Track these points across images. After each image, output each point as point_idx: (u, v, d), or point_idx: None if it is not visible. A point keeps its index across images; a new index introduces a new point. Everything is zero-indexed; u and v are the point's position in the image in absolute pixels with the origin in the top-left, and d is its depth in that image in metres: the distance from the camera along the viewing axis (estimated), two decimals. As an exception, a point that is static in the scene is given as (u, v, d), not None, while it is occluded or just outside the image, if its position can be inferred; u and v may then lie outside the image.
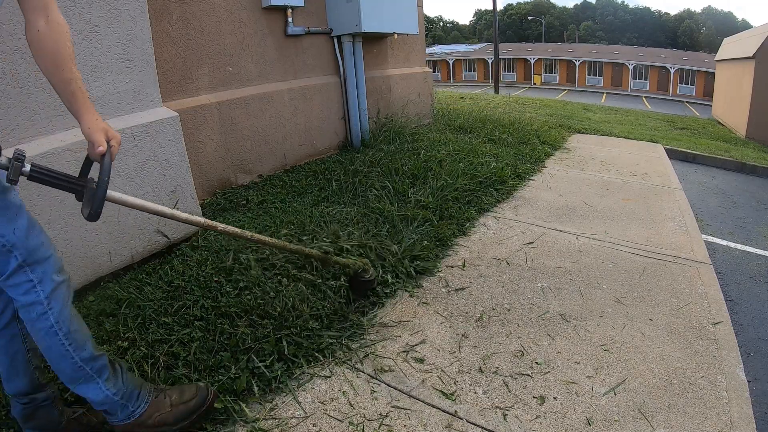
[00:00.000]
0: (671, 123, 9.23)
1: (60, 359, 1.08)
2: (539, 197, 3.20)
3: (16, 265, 1.02)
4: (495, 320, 1.79)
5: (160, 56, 2.42)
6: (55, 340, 1.06)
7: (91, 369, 1.11)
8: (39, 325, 1.04)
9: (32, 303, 1.04)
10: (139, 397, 1.19)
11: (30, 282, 1.03)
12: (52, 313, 1.05)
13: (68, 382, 1.12)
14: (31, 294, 1.04)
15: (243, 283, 1.82)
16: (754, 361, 2.02)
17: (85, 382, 1.11)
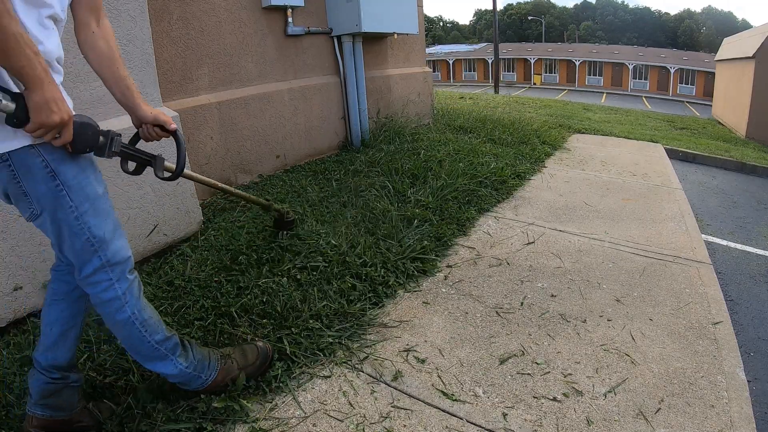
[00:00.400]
0: (671, 123, 9.24)
1: (138, 344, 1.16)
2: (539, 197, 3.20)
3: (99, 265, 1.08)
4: (495, 320, 1.79)
5: (160, 56, 2.42)
6: (133, 329, 1.14)
7: (165, 348, 1.20)
8: (118, 318, 1.12)
9: (111, 299, 1.11)
10: (209, 366, 1.29)
11: (109, 281, 1.10)
12: (129, 306, 1.13)
13: (144, 361, 1.20)
14: (110, 291, 1.10)
15: (243, 283, 1.82)
16: (754, 361, 2.02)
17: (160, 360, 1.20)
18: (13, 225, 1.62)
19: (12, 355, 1.48)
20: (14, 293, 1.65)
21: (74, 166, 1.02)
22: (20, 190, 0.98)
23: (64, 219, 1.02)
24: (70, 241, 1.04)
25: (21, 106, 0.86)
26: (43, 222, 1.03)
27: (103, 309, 1.12)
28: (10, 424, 1.22)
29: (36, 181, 0.97)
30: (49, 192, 0.98)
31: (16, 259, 1.64)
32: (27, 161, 0.95)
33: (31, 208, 1.00)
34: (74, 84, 1.79)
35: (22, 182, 0.96)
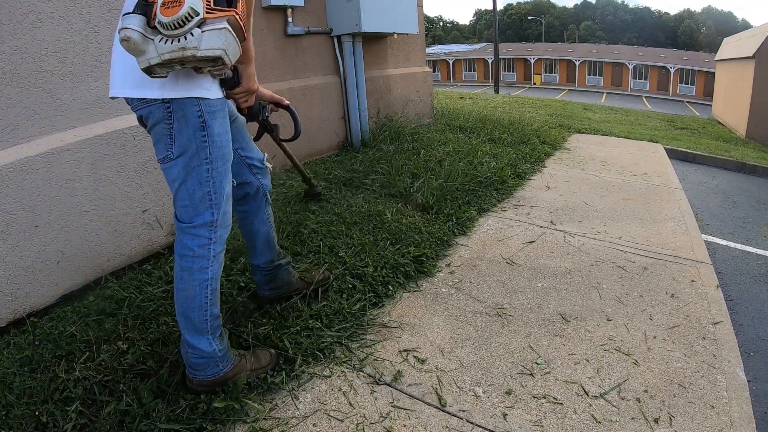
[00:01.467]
0: (671, 123, 9.24)
1: (195, 309, 1.21)
2: (539, 197, 3.19)
3: (208, 221, 1.16)
4: (495, 320, 1.79)
5: (160, 56, 2.42)
6: (202, 292, 1.19)
7: (212, 326, 1.25)
8: (197, 276, 1.18)
9: (202, 256, 1.18)
10: (227, 359, 1.32)
11: (209, 239, 1.18)
12: (211, 270, 1.20)
13: (187, 329, 1.23)
14: (205, 249, 1.17)
15: (243, 282, 1.82)
16: (754, 361, 2.02)
17: (202, 334, 1.24)
18: (13, 225, 1.62)
19: (12, 355, 1.48)
20: (14, 293, 1.65)
21: (222, 126, 1.13)
22: (167, 132, 1.08)
23: (196, 167, 1.11)
24: (192, 190, 1.13)
25: (236, 75, 1.18)
26: (173, 166, 1.12)
27: (190, 263, 1.18)
28: (10, 423, 1.22)
29: (187, 126, 1.07)
30: (195, 139, 1.09)
31: (16, 259, 1.64)
32: (186, 108, 1.05)
33: (169, 151, 1.10)
34: (74, 84, 1.80)
35: (174, 125, 1.07)
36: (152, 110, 1.07)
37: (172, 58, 0.92)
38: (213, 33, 0.92)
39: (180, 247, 1.19)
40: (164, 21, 0.89)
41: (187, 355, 1.28)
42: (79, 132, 1.81)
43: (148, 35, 0.91)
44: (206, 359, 1.26)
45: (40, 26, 1.67)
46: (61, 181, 1.74)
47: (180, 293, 1.21)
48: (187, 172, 1.11)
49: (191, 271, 1.18)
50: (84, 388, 1.32)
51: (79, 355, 1.44)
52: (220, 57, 0.94)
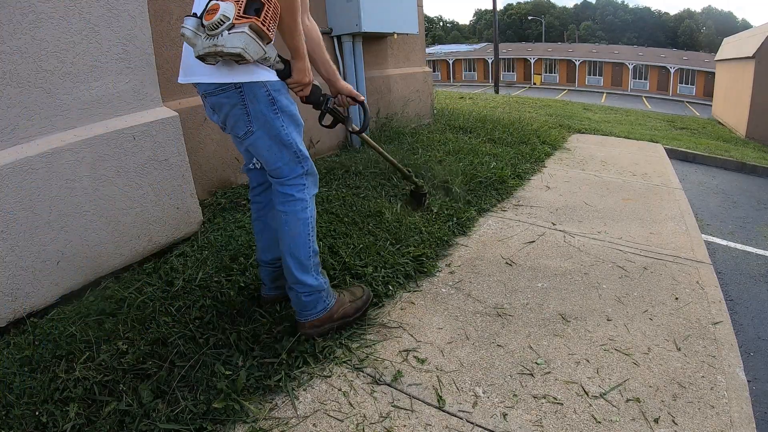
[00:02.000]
0: (671, 123, 9.24)
1: (301, 246, 1.44)
2: (539, 197, 3.19)
3: (302, 172, 1.44)
4: (495, 320, 1.79)
5: (160, 56, 2.42)
6: (306, 229, 1.44)
7: (314, 262, 1.48)
8: (300, 215, 1.42)
9: (301, 199, 1.43)
10: (330, 294, 1.54)
11: (304, 185, 1.44)
12: (309, 210, 1.45)
13: (294, 268, 1.45)
14: (302, 193, 1.44)
15: (243, 282, 1.82)
16: (754, 361, 2.02)
17: (307, 271, 1.46)
18: (13, 225, 1.62)
19: (12, 355, 1.48)
20: (14, 293, 1.65)
21: (286, 98, 1.37)
22: (243, 111, 1.32)
23: (277, 134, 1.36)
24: (281, 153, 1.39)
25: (287, 67, 1.35)
26: (257, 138, 1.36)
27: (293, 206, 1.42)
28: (10, 423, 1.22)
29: (259, 104, 1.31)
30: (268, 113, 1.33)
31: (16, 259, 1.64)
32: (255, 90, 1.29)
33: (249, 127, 1.35)
34: (74, 84, 1.80)
35: (248, 105, 1.31)
36: (229, 95, 1.30)
37: (208, 52, 1.16)
38: (235, 35, 1.14)
39: (280, 197, 1.43)
40: (205, 24, 1.15)
41: (298, 297, 1.48)
42: (79, 132, 1.81)
43: (198, 32, 1.17)
44: (314, 295, 1.48)
45: (40, 26, 1.66)
46: (61, 181, 1.74)
47: (286, 236, 1.44)
48: (270, 139, 1.37)
49: (294, 213, 1.42)
50: (84, 388, 1.32)
51: (79, 355, 1.44)
52: (240, 54, 1.16)
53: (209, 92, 1.32)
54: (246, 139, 1.37)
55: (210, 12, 1.14)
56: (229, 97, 1.30)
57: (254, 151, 1.42)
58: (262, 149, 1.38)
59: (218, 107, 1.35)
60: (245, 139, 1.37)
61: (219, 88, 1.29)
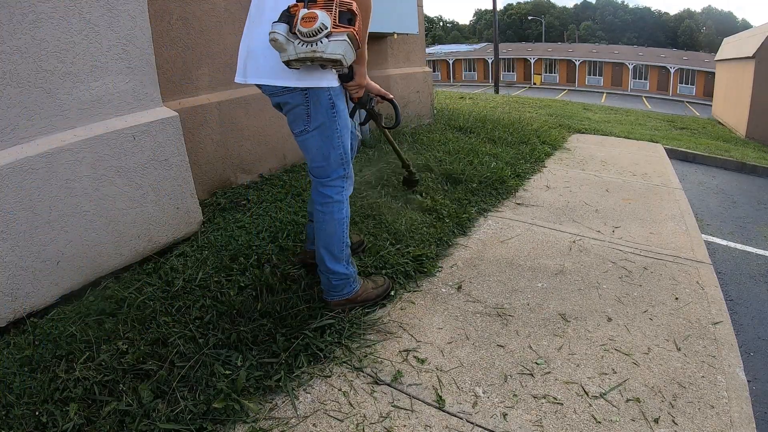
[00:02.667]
0: (671, 123, 9.24)
1: (336, 242, 1.59)
2: (539, 197, 3.19)
3: (342, 175, 1.56)
4: (495, 320, 1.79)
5: (160, 56, 2.42)
6: (341, 227, 1.59)
7: (346, 254, 1.63)
8: (336, 216, 1.57)
9: (338, 201, 1.57)
10: (357, 281, 1.72)
11: (342, 187, 1.57)
12: (345, 210, 1.59)
13: (328, 259, 1.60)
14: (340, 195, 1.57)
15: (243, 282, 1.82)
16: (754, 361, 2.02)
17: (339, 261, 1.62)
18: (13, 225, 1.62)
19: (12, 355, 1.48)
20: (14, 293, 1.65)
21: (343, 104, 1.50)
22: (305, 112, 1.44)
23: (330, 136, 1.48)
24: (328, 152, 1.51)
25: (350, 71, 1.48)
26: (311, 137, 1.49)
27: (330, 207, 1.56)
28: (10, 423, 1.22)
29: (320, 107, 1.43)
30: (327, 115, 1.45)
31: (16, 259, 1.64)
32: (319, 95, 1.41)
33: (306, 126, 1.47)
34: (74, 84, 1.80)
35: (310, 107, 1.43)
36: (293, 96, 1.42)
37: (306, 57, 1.25)
38: (336, 42, 1.24)
39: (319, 197, 1.57)
40: (303, 30, 1.22)
41: (328, 281, 1.65)
42: (79, 132, 1.81)
43: (290, 38, 1.24)
44: (343, 281, 1.65)
45: (40, 26, 1.66)
46: (61, 181, 1.74)
47: (322, 232, 1.58)
48: (323, 140, 1.48)
49: (332, 213, 1.56)
50: (84, 388, 1.32)
51: (79, 355, 1.44)
52: (339, 60, 1.27)
53: (274, 93, 1.45)
54: (300, 136, 1.51)
55: (307, 20, 1.21)
56: (294, 98, 1.43)
57: (304, 148, 1.54)
58: (312, 147, 1.51)
59: (282, 105, 1.50)
60: (299, 136, 1.51)
61: (285, 90, 1.41)
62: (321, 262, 1.62)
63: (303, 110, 1.44)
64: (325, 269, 1.63)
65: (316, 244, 1.62)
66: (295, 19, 1.23)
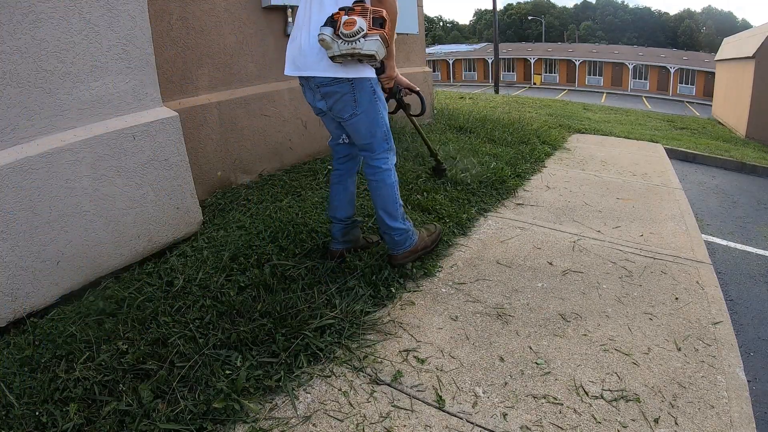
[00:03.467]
0: (671, 123, 9.24)
1: (391, 203, 1.87)
2: (539, 197, 3.19)
3: (387, 148, 1.85)
4: (495, 320, 1.79)
5: (160, 56, 2.42)
6: (392, 191, 1.86)
7: (400, 212, 1.91)
8: (387, 182, 1.85)
9: (387, 169, 1.85)
10: (414, 232, 1.99)
11: (387, 158, 1.86)
12: (393, 175, 1.87)
13: (387, 219, 1.88)
14: (387, 164, 1.85)
15: (243, 282, 1.82)
16: (754, 361, 2.02)
17: (396, 219, 1.89)
18: (13, 225, 1.62)
19: (12, 355, 1.48)
20: (14, 293, 1.65)
21: (380, 89, 1.79)
22: (352, 99, 1.70)
23: (374, 117, 1.76)
24: (374, 131, 1.79)
25: (382, 65, 1.75)
26: (359, 120, 1.75)
27: (380, 176, 1.84)
28: (10, 423, 1.22)
29: (364, 93, 1.71)
30: (370, 100, 1.73)
31: (16, 259, 1.64)
32: (362, 83, 1.69)
33: (353, 111, 1.73)
34: (74, 84, 1.80)
35: (356, 94, 1.70)
36: (341, 86, 1.68)
37: (347, 53, 1.53)
38: (371, 41, 1.53)
39: (370, 170, 1.85)
40: (345, 32, 1.51)
41: (391, 238, 1.93)
42: (79, 132, 1.81)
43: (335, 39, 1.51)
44: (404, 235, 1.93)
45: (40, 26, 1.66)
46: (61, 181, 1.74)
47: (378, 198, 1.87)
48: (369, 121, 1.76)
49: (383, 181, 1.84)
50: (84, 388, 1.32)
51: (79, 355, 1.44)
52: (373, 55, 1.56)
53: (324, 84, 1.69)
54: (350, 120, 1.75)
55: (348, 24, 1.51)
56: (342, 87, 1.68)
57: (354, 130, 1.80)
58: (361, 128, 1.78)
59: (330, 95, 1.71)
60: (349, 120, 1.75)
61: (334, 81, 1.67)
62: (382, 223, 1.90)
63: (350, 97, 1.70)
64: (386, 228, 1.90)
65: (375, 209, 1.90)
66: (338, 24, 1.51)
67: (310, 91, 1.78)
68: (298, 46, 1.69)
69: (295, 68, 1.73)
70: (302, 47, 1.67)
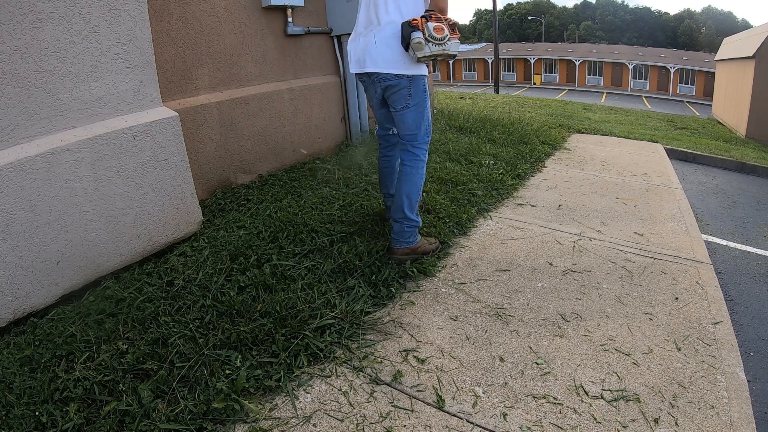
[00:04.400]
0: (671, 123, 9.23)
1: (415, 192, 2.05)
2: (539, 197, 3.19)
3: (427, 140, 2.06)
4: (495, 320, 1.79)
5: (160, 56, 2.42)
6: (420, 181, 2.06)
7: (416, 207, 2.08)
8: (419, 172, 2.05)
9: (422, 160, 2.06)
10: (418, 233, 2.16)
11: (425, 150, 2.07)
12: (424, 167, 2.08)
13: (407, 208, 2.03)
14: (424, 156, 2.07)
15: (243, 282, 1.82)
16: (754, 361, 2.02)
17: (413, 210, 2.05)
18: (13, 225, 1.62)
19: (12, 355, 1.48)
20: (14, 293, 1.65)
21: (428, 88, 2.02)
22: (408, 93, 1.93)
23: (422, 111, 1.98)
24: (420, 123, 2.00)
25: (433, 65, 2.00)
26: (408, 112, 1.97)
27: (416, 163, 2.04)
28: (10, 423, 1.22)
29: (418, 89, 1.95)
30: (422, 95, 1.96)
31: (16, 259, 1.64)
32: (418, 80, 1.93)
33: (406, 103, 1.95)
34: (74, 84, 1.80)
35: (411, 89, 1.93)
36: (401, 81, 1.92)
37: (437, 54, 1.80)
38: (454, 44, 1.83)
39: (409, 156, 2.04)
40: (437, 37, 1.76)
41: (401, 228, 2.05)
42: (79, 132, 1.81)
43: (426, 42, 1.77)
44: (412, 228, 2.08)
45: (40, 26, 1.67)
46: (61, 181, 1.74)
47: (407, 183, 2.03)
48: (417, 114, 1.98)
49: (417, 168, 2.04)
50: (84, 388, 1.32)
51: (79, 355, 1.45)
52: (455, 54, 1.85)
53: (386, 79, 1.93)
54: (401, 111, 1.98)
55: (438, 29, 1.77)
56: (401, 82, 1.92)
57: (402, 120, 2.00)
58: (408, 119, 1.99)
59: (389, 88, 1.95)
60: (401, 111, 1.98)
61: (395, 77, 1.91)
62: (399, 210, 2.03)
63: (406, 92, 1.93)
64: (402, 216, 2.03)
65: (399, 193, 2.03)
66: (423, 29, 1.76)
67: (372, 85, 2.02)
68: (363, 47, 1.94)
69: (361, 66, 1.97)
70: (368, 48, 1.92)
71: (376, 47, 1.88)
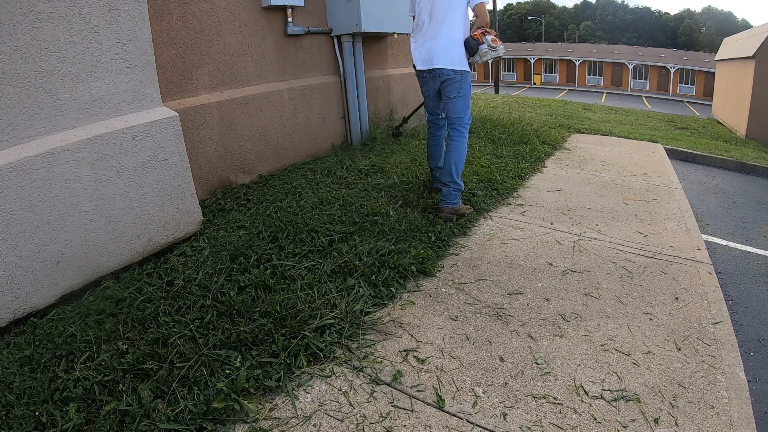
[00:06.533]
0: (671, 123, 9.23)
1: (461, 161, 2.56)
2: (539, 197, 3.19)
3: (470, 121, 2.60)
4: (495, 320, 1.79)
5: (160, 56, 2.42)
6: (464, 151, 2.58)
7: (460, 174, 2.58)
8: (463, 145, 2.57)
9: (466, 136, 2.58)
10: (459, 197, 2.63)
11: (467, 128, 2.59)
12: (466, 143, 2.59)
13: (455, 174, 2.54)
14: (467, 132, 2.59)
15: (243, 282, 1.82)
16: (754, 361, 2.02)
17: (459, 176, 2.56)
18: (13, 225, 1.62)
19: (12, 355, 1.48)
20: (14, 293, 1.65)
21: None
22: (459, 85, 2.49)
23: (467, 99, 2.53)
24: (466, 108, 2.54)
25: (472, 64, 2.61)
26: (459, 100, 2.51)
27: (461, 139, 2.56)
28: (10, 423, 1.22)
29: (466, 82, 2.51)
30: (468, 88, 2.53)
31: (16, 259, 1.64)
32: (466, 76, 2.50)
33: (458, 93, 2.50)
34: (74, 84, 1.80)
35: (463, 82, 2.48)
36: (456, 75, 2.47)
37: (494, 57, 2.45)
38: (501, 48, 2.43)
39: (456, 133, 2.56)
40: (494, 46, 2.43)
41: (449, 191, 2.55)
42: (79, 132, 1.81)
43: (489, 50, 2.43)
44: (457, 191, 2.58)
45: (40, 26, 1.67)
46: (61, 181, 1.74)
47: (455, 154, 2.54)
48: (464, 101, 2.53)
49: (462, 143, 2.56)
50: (84, 388, 1.32)
51: (79, 355, 1.45)
52: (501, 56, 2.44)
53: (446, 74, 2.48)
54: (453, 99, 2.52)
55: (493, 41, 2.42)
56: (456, 76, 2.48)
57: (452, 106, 2.54)
58: (458, 105, 2.53)
59: (447, 81, 2.50)
60: (452, 99, 2.52)
61: (453, 72, 2.47)
62: (448, 175, 2.53)
63: (458, 84, 2.48)
64: (450, 180, 2.53)
65: (448, 162, 2.53)
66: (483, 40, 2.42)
67: (432, 79, 2.56)
68: (428, 49, 2.51)
69: (428, 64, 2.52)
70: (432, 49, 2.49)
71: (439, 51, 2.47)
